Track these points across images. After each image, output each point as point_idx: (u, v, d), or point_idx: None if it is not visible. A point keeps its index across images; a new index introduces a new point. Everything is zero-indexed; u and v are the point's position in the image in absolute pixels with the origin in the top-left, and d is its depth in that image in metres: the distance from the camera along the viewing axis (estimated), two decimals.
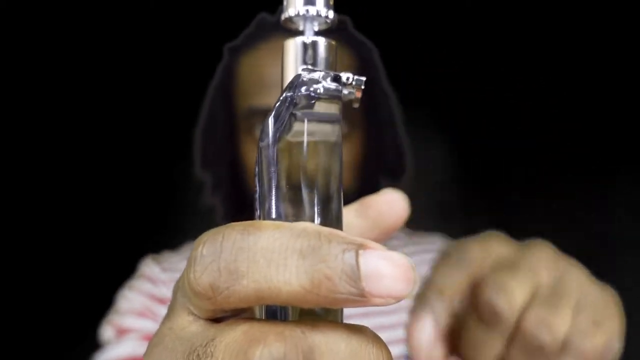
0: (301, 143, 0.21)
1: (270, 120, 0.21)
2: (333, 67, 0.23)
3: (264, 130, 0.21)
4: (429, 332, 0.32)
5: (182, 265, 0.82)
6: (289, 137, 0.21)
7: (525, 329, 0.32)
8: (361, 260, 0.18)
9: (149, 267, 0.83)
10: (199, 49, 1.08)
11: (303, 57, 0.23)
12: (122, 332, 0.77)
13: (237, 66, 0.81)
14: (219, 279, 0.19)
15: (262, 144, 0.21)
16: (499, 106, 1.20)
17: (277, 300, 0.18)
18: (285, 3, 0.24)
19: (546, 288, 0.33)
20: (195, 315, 0.21)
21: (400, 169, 0.84)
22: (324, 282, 0.18)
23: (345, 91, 0.22)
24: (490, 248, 0.34)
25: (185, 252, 0.87)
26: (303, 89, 0.21)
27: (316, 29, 0.24)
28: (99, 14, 1.09)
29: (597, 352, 0.33)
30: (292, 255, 0.18)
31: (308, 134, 0.21)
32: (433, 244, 0.87)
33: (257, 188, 0.22)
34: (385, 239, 0.27)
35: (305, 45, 0.23)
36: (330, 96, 0.21)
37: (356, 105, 0.23)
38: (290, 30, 0.76)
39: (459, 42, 1.19)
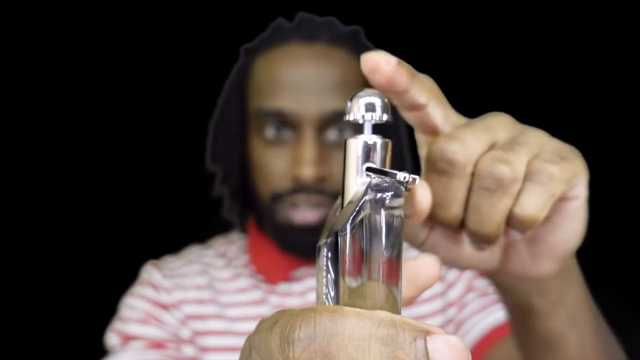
0: (372, 232, 0.25)
1: (349, 223, 0.25)
2: (387, 162, 0.27)
3: (344, 224, 0.25)
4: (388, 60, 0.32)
5: (184, 270, 0.83)
6: (360, 226, 0.25)
7: (481, 169, 0.32)
8: (429, 346, 0.21)
9: (150, 273, 0.83)
10: (214, 48, 1.08)
11: (364, 156, 0.27)
12: (127, 339, 0.77)
13: (252, 67, 0.83)
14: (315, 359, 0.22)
15: (340, 234, 0.25)
16: (499, 106, 1.20)
17: None
18: (348, 106, 0.27)
19: (504, 142, 0.34)
20: None
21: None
22: None
23: (405, 190, 0.26)
24: (450, 117, 0.35)
25: (185, 256, 0.87)
26: (377, 195, 0.25)
27: (373, 122, 0.27)
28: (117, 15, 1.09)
29: (565, 179, 0.33)
30: (375, 342, 0.22)
31: (377, 226, 0.25)
32: None
33: (331, 271, 0.25)
34: (419, 294, 0.30)
35: (366, 145, 0.27)
36: (396, 197, 0.26)
37: (407, 192, 0.27)
38: (305, 37, 0.76)
39: (459, 42, 1.19)
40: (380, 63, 0.31)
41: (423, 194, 0.33)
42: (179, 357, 0.76)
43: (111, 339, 0.77)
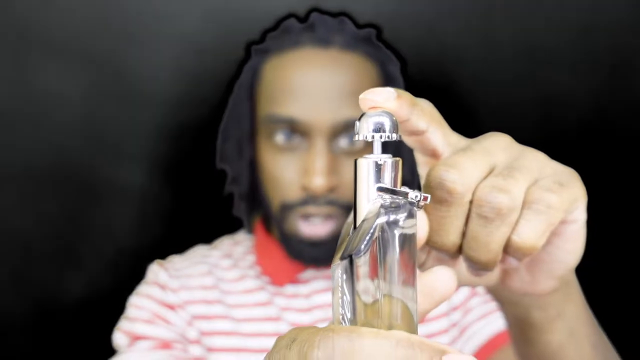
0: (386, 254, 0.26)
1: (364, 242, 0.26)
2: (397, 180, 0.28)
3: (358, 246, 0.26)
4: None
5: (190, 271, 0.83)
6: (375, 247, 0.26)
7: (479, 197, 0.32)
8: None
9: (156, 273, 0.84)
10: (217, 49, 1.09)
11: (375, 176, 0.27)
12: (135, 339, 0.77)
13: (263, 70, 0.82)
14: None
15: (355, 257, 0.25)
16: (499, 106, 1.20)
17: None
18: (357, 126, 0.28)
19: (503, 166, 0.33)
20: None
21: (412, 181, 0.85)
22: None
23: (416, 208, 0.27)
24: (450, 138, 0.35)
25: (192, 257, 0.87)
26: (388, 218, 0.26)
27: (382, 141, 0.28)
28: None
29: (564, 208, 0.32)
30: None
31: (391, 247, 0.26)
32: None
33: (347, 293, 0.26)
34: (435, 307, 0.30)
35: (377, 165, 0.27)
36: (409, 217, 0.27)
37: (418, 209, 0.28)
38: (318, 42, 0.76)
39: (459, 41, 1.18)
40: (379, 102, 0.30)
41: (419, 223, 0.32)
42: (185, 358, 0.77)
43: (119, 338, 0.78)
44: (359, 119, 0.28)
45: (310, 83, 0.78)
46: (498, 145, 0.34)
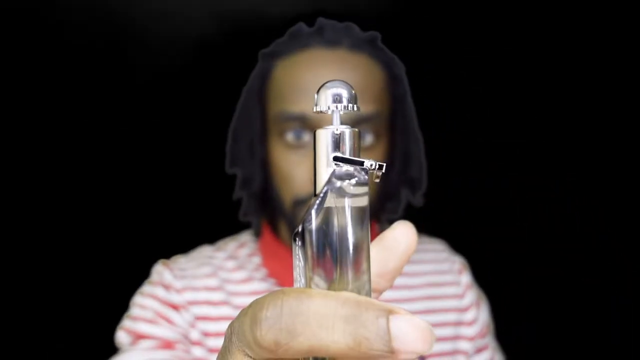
0: (335, 220, 0.26)
1: (314, 210, 0.26)
2: (357, 150, 0.28)
3: (308, 217, 0.26)
4: None
5: (194, 272, 0.83)
6: (325, 214, 0.26)
7: None
8: (391, 324, 0.23)
9: (161, 273, 0.84)
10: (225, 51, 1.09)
11: (333, 146, 0.27)
12: (138, 338, 0.78)
13: (272, 71, 0.83)
14: (280, 337, 0.23)
15: (307, 225, 0.26)
16: (499, 104, 1.20)
17: (325, 354, 0.24)
18: (315, 97, 0.28)
19: None
20: (251, 357, 0.26)
21: (420, 182, 0.86)
22: (364, 342, 0.23)
23: (373, 177, 0.27)
24: None
25: (196, 258, 0.88)
26: (339, 183, 0.26)
27: (341, 112, 0.28)
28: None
29: None
30: (339, 320, 0.23)
31: (341, 213, 0.26)
32: (433, 248, 0.93)
33: (301, 259, 0.26)
34: (403, 265, 0.30)
35: (334, 136, 0.27)
36: (361, 184, 0.26)
37: (377, 180, 0.28)
38: (327, 43, 0.76)
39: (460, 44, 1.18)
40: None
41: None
42: (187, 359, 0.77)
43: (121, 337, 0.78)
44: (317, 92, 0.28)
45: (319, 81, 0.78)
46: None
